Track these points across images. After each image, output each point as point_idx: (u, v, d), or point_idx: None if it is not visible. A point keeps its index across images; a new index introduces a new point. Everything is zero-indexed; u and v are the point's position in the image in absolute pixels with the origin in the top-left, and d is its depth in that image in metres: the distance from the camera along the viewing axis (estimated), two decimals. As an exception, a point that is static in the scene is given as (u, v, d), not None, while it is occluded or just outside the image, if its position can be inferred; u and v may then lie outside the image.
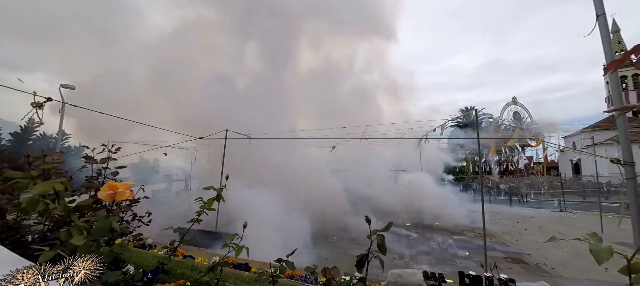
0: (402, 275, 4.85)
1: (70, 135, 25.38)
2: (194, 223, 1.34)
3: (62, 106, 7.92)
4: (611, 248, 0.59)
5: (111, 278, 0.92)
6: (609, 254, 0.58)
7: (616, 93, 3.40)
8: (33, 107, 4.29)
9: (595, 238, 0.63)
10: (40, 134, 26.32)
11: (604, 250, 0.58)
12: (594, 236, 0.64)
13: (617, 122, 3.17)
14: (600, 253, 0.58)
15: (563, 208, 15.61)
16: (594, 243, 0.61)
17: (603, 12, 3.10)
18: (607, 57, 3.18)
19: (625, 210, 3.10)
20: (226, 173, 1.62)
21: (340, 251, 8.10)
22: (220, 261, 1.27)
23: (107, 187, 0.96)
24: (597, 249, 0.59)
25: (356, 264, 0.97)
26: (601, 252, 0.58)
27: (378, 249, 0.92)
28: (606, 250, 0.59)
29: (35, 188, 1.00)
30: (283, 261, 1.21)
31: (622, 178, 3.10)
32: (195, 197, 1.44)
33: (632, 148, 3.08)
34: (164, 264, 1.33)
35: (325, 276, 1.20)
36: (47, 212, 1.04)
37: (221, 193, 1.32)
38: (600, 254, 0.58)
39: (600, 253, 0.58)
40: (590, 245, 0.61)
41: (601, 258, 0.58)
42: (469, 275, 4.27)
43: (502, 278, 4.08)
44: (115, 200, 0.98)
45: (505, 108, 28.26)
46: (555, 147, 18.91)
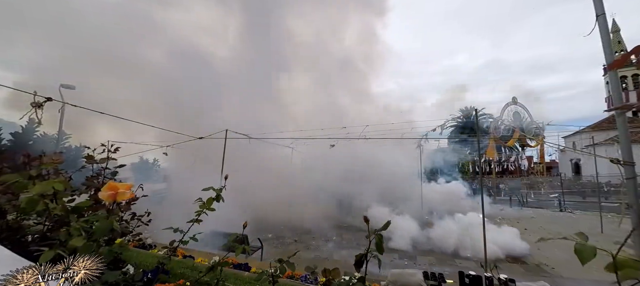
0: (402, 275, 4.85)
1: (70, 135, 25.37)
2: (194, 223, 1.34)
3: (62, 106, 7.91)
4: (595, 248, 0.60)
5: (111, 278, 0.92)
6: (593, 254, 0.59)
7: (616, 93, 3.40)
8: (33, 107, 4.28)
9: (581, 237, 0.64)
10: (41, 134, 26.31)
11: (588, 250, 0.59)
12: (580, 236, 0.65)
13: (617, 121, 3.16)
14: (584, 253, 0.59)
15: (563, 208, 15.61)
16: (579, 242, 0.61)
17: (603, 12, 3.09)
18: (607, 57, 3.17)
19: (625, 210, 3.10)
20: (225, 173, 1.62)
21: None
22: (220, 261, 1.27)
23: (107, 188, 0.96)
24: (581, 248, 0.60)
25: (355, 264, 0.97)
26: (585, 252, 0.59)
27: (376, 248, 0.92)
28: (590, 249, 0.59)
29: (35, 188, 1.00)
30: (284, 262, 1.21)
31: (622, 178, 3.10)
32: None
33: (632, 148, 3.08)
34: (164, 264, 1.33)
35: (325, 276, 1.20)
36: (46, 212, 1.04)
37: (220, 193, 1.32)
38: (584, 253, 0.59)
39: (584, 253, 0.59)
40: (576, 244, 0.61)
41: (585, 258, 0.59)
42: (469, 275, 4.28)
43: (502, 278, 4.09)
44: (116, 200, 0.97)
45: (505, 108, 28.25)
46: (555, 146, 18.90)
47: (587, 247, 0.60)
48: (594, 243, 0.64)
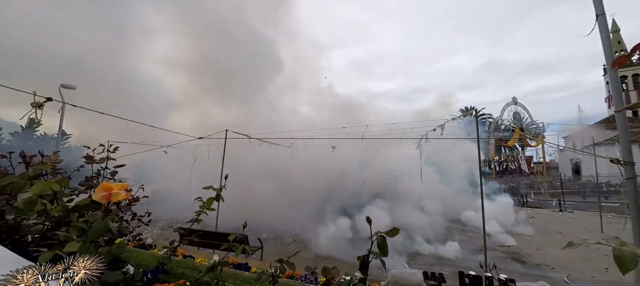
0: (402, 275, 4.85)
1: (70, 135, 25.42)
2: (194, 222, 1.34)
3: (62, 106, 7.91)
4: (637, 254, 0.48)
5: (111, 278, 0.91)
6: (636, 262, 0.47)
7: (616, 93, 3.40)
8: (33, 107, 4.28)
9: (618, 242, 0.53)
10: (40, 134, 26.37)
11: (629, 256, 0.47)
12: (616, 240, 0.54)
13: (617, 121, 3.16)
14: (624, 259, 0.48)
15: (563, 208, 15.62)
16: (617, 248, 0.50)
17: (603, 12, 3.10)
18: (607, 57, 3.18)
19: (627, 211, 3.10)
20: (225, 173, 1.62)
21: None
22: (220, 261, 1.27)
23: (101, 188, 0.94)
24: (621, 254, 0.48)
25: (360, 267, 0.96)
26: (626, 258, 0.48)
27: (379, 249, 0.92)
28: (631, 255, 0.47)
29: (33, 188, 1.00)
30: (284, 262, 1.21)
31: (622, 178, 3.10)
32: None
33: (632, 148, 3.08)
34: (164, 264, 1.33)
35: (325, 276, 1.20)
36: (45, 212, 1.03)
37: (220, 193, 1.32)
38: (624, 260, 0.48)
39: (624, 260, 0.48)
40: (614, 250, 0.50)
41: (625, 266, 0.47)
42: (469, 275, 4.27)
43: (502, 278, 4.09)
44: (110, 201, 0.96)
45: (505, 109, 28.30)
46: (555, 146, 18.90)
47: (627, 253, 0.48)
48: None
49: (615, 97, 3.32)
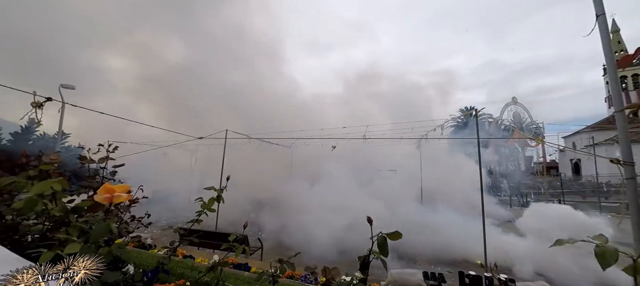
0: (402, 275, 4.85)
1: (69, 135, 25.38)
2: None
3: (62, 106, 7.91)
4: (617, 252, 0.53)
5: (111, 278, 0.91)
6: (615, 258, 0.53)
7: (616, 93, 3.39)
8: (33, 107, 4.28)
9: (601, 239, 0.58)
10: (40, 134, 26.34)
11: (610, 253, 0.53)
12: (600, 238, 0.58)
13: (617, 121, 3.16)
14: (605, 256, 0.53)
15: (563, 208, 15.57)
16: (600, 245, 0.55)
17: (603, 12, 3.09)
18: (607, 57, 3.17)
19: (625, 210, 3.10)
20: (226, 174, 1.62)
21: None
22: (220, 261, 1.27)
23: (103, 190, 0.94)
24: (603, 252, 0.54)
25: (360, 267, 0.96)
26: (607, 255, 0.53)
27: (379, 250, 0.92)
28: (612, 253, 0.53)
29: (33, 188, 0.99)
30: (284, 262, 1.21)
31: (622, 178, 3.10)
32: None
33: (632, 148, 3.08)
34: (164, 264, 1.33)
35: (325, 276, 1.20)
36: (45, 212, 1.03)
37: (221, 194, 1.32)
38: (605, 257, 0.53)
39: (606, 257, 0.53)
40: (596, 248, 0.55)
41: (606, 262, 0.53)
42: (469, 275, 4.28)
43: (502, 278, 4.09)
44: (112, 203, 0.96)
45: (505, 109, 28.30)
46: (555, 146, 18.91)
47: (608, 250, 0.53)
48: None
49: (615, 97, 3.31)
